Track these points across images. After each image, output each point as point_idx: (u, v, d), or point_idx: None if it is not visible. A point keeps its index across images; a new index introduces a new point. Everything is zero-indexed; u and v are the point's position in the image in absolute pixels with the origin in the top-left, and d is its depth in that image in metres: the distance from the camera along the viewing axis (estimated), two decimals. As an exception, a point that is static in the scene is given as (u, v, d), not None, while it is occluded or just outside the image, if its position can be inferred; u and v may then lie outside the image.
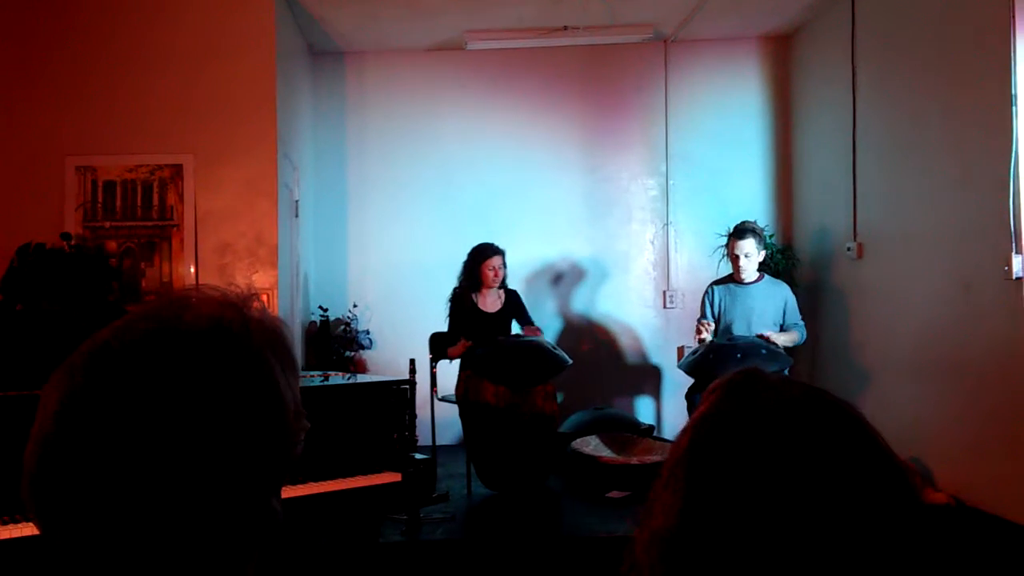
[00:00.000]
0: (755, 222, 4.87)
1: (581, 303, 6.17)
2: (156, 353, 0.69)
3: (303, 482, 2.77)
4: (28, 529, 2.25)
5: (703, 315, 4.81)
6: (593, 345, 6.12)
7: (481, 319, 4.80)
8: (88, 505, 0.66)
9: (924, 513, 0.69)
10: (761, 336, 4.52)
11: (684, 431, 0.78)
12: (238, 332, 0.72)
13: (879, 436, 0.73)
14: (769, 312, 4.69)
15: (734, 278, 4.76)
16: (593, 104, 6.18)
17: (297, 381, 0.77)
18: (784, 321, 4.70)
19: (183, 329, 0.71)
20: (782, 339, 4.54)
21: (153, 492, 0.66)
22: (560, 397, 4.73)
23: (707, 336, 4.64)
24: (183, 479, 0.67)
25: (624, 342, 6.18)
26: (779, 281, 4.89)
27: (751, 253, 4.66)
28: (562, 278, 6.17)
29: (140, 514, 0.66)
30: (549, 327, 6.03)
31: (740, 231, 4.69)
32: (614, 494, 4.50)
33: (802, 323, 4.73)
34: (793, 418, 0.71)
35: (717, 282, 4.87)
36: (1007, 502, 3.71)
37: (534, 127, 6.15)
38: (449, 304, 4.89)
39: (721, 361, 4.46)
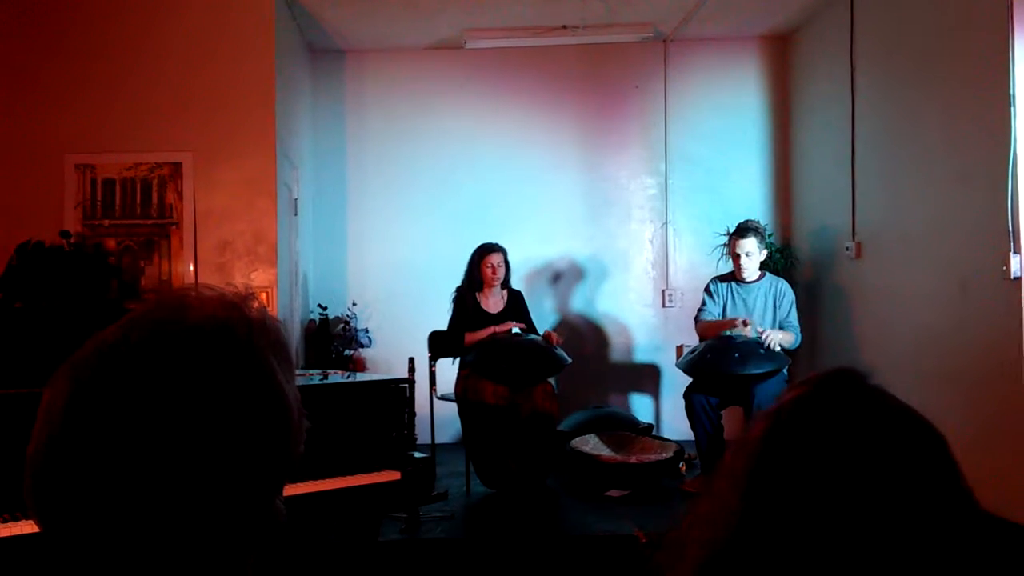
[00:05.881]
0: (757, 221, 4.87)
1: (580, 302, 6.18)
2: (163, 353, 0.69)
3: (302, 480, 2.77)
4: (28, 527, 2.25)
5: (703, 307, 4.81)
6: (592, 344, 6.13)
7: (484, 319, 4.80)
8: (93, 503, 0.66)
9: (994, 556, 0.66)
10: (761, 333, 4.50)
11: (757, 427, 0.71)
12: (242, 333, 0.73)
13: (958, 465, 0.69)
14: (770, 310, 4.71)
15: (735, 276, 4.77)
16: (592, 103, 6.18)
17: (294, 381, 0.77)
18: (780, 316, 4.70)
19: (188, 329, 0.71)
20: (779, 336, 4.51)
21: (159, 491, 0.66)
22: (559, 394, 4.73)
23: (743, 330, 4.53)
24: (189, 479, 0.67)
25: (623, 341, 6.18)
26: (780, 279, 4.89)
27: (752, 252, 4.66)
28: (561, 277, 6.17)
29: (145, 513, 0.66)
30: (548, 326, 6.03)
31: (741, 230, 4.70)
32: (613, 493, 4.50)
33: (798, 326, 4.71)
34: (883, 435, 0.67)
35: (720, 278, 4.88)
36: (1008, 501, 3.71)
37: (533, 126, 6.15)
38: (452, 303, 4.89)
39: (719, 360, 4.47)
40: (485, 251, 4.85)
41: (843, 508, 0.63)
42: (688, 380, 4.73)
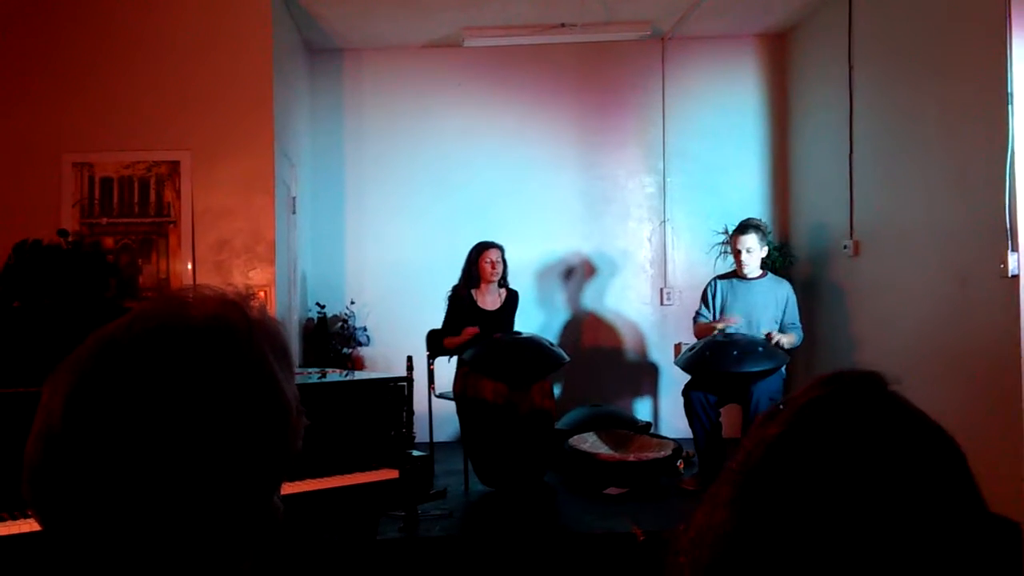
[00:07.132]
0: (759, 219, 4.90)
1: (578, 300, 6.18)
2: (163, 351, 0.69)
3: (301, 479, 2.78)
4: (27, 525, 2.25)
5: (705, 306, 4.84)
6: (590, 342, 6.13)
7: (480, 317, 4.80)
8: (93, 500, 0.66)
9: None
10: (768, 336, 4.54)
11: (768, 427, 0.68)
12: (241, 331, 0.73)
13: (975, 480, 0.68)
14: (770, 308, 4.72)
15: (736, 273, 4.79)
16: (590, 101, 6.18)
17: (293, 380, 0.78)
18: (783, 319, 4.72)
19: (188, 327, 0.71)
20: (784, 340, 4.56)
21: (157, 488, 0.66)
22: (557, 392, 4.74)
23: (723, 326, 4.62)
24: (188, 476, 0.67)
25: (621, 339, 6.18)
26: (781, 279, 4.91)
27: (753, 248, 4.69)
28: (560, 276, 6.17)
29: (143, 509, 0.66)
30: (547, 324, 6.03)
31: (743, 226, 4.75)
32: (611, 490, 4.51)
33: (799, 326, 4.75)
34: (899, 444, 0.65)
35: (720, 277, 4.91)
36: (1002, 498, 3.72)
37: (531, 124, 6.15)
38: (448, 301, 4.89)
39: (718, 358, 4.47)
40: (483, 247, 4.86)
41: (850, 517, 0.62)
42: (686, 378, 4.73)
